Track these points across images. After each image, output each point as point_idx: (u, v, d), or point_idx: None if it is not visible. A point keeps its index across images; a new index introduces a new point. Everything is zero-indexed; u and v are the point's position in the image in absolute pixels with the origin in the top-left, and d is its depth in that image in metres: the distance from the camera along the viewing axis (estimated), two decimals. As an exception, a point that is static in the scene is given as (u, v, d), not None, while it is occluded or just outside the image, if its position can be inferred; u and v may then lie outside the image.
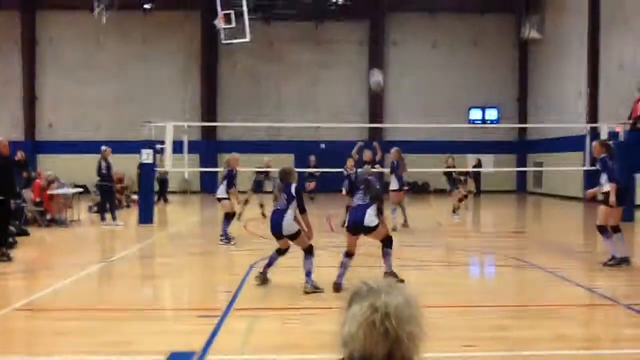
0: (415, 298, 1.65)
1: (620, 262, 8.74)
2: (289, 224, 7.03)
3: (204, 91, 27.95)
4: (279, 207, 7.11)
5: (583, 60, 22.87)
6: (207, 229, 15.08)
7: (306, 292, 6.92)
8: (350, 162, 13.91)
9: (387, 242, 7.32)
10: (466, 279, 8.73)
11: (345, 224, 7.59)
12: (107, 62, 27.88)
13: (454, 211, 15.74)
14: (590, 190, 9.08)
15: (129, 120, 26.20)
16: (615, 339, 5.49)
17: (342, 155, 15.07)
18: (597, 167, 8.95)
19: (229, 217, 11.28)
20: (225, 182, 11.41)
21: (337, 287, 7.01)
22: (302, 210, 7.13)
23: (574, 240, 12.79)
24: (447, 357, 4.78)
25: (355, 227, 7.15)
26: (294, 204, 7.04)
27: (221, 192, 11.39)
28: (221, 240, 11.12)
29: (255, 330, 5.64)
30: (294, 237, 7.13)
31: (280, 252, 7.46)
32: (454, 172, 16.02)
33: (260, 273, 7.46)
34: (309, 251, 7.10)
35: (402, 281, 6.64)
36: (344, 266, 7.16)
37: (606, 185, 8.72)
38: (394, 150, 13.57)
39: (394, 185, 13.21)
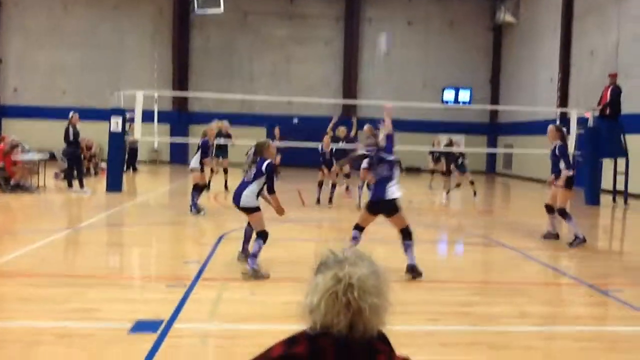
0: (381, 269, 1.64)
1: (545, 237, 9.60)
2: (247, 197, 6.61)
3: (175, 61, 27.46)
4: (245, 180, 6.76)
5: (556, 46, 23.11)
6: (176, 199, 14.96)
7: (243, 274, 6.39)
8: (326, 139, 13.84)
9: (406, 234, 6.62)
10: (433, 256, 8.82)
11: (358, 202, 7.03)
12: (74, 28, 27.15)
13: (447, 192, 15.90)
14: (552, 181, 9.29)
15: (97, 88, 25.68)
16: (577, 317, 5.62)
17: (315, 130, 15.04)
18: (556, 152, 9.15)
19: (197, 188, 11.18)
20: (198, 153, 11.31)
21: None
22: (271, 191, 6.71)
23: (540, 221, 13.00)
24: (411, 330, 4.83)
25: (378, 205, 6.65)
26: (261, 180, 6.65)
27: (194, 162, 11.31)
28: (191, 210, 11.03)
29: (224, 300, 5.63)
30: (249, 211, 6.68)
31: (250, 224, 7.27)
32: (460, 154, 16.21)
33: (241, 252, 7.20)
34: (260, 235, 6.56)
35: (420, 274, 6.51)
36: (355, 239, 6.74)
37: (566, 171, 9.01)
38: (366, 126, 13.37)
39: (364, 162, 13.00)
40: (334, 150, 13.76)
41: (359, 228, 6.87)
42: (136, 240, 8.98)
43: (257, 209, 6.66)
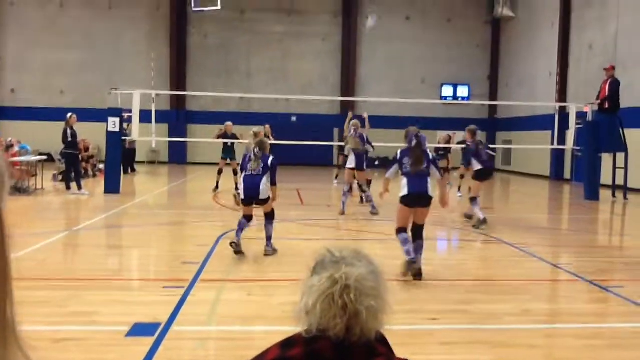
0: (379, 269, 1.59)
1: (466, 216, 10.99)
2: (264, 189, 7.39)
3: (172, 60, 27.40)
4: (254, 173, 7.39)
5: (554, 40, 23.06)
6: (175, 199, 14.92)
7: (266, 255, 7.40)
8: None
9: (422, 231, 6.62)
10: (432, 254, 8.78)
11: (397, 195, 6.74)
12: (71, 27, 27.08)
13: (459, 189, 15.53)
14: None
15: (94, 88, 25.65)
16: (578, 314, 5.58)
17: (313, 128, 14.94)
18: (469, 149, 10.99)
19: None
20: None
21: (413, 262, 6.44)
22: (274, 183, 7.51)
23: (540, 217, 13.00)
24: (411, 330, 4.79)
25: (418, 197, 6.48)
26: (269, 174, 7.42)
27: None
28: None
29: (221, 302, 5.59)
30: (265, 202, 7.48)
31: (247, 218, 7.59)
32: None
33: (233, 243, 7.35)
34: (270, 215, 7.57)
35: (419, 275, 6.39)
36: (407, 242, 6.45)
37: (476, 165, 10.56)
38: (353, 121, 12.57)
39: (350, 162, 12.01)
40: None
41: (405, 230, 6.55)
42: (134, 242, 8.94)
43: (269, 199, 7.54)
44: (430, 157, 6.68)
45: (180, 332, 4.63)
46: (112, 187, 14.37)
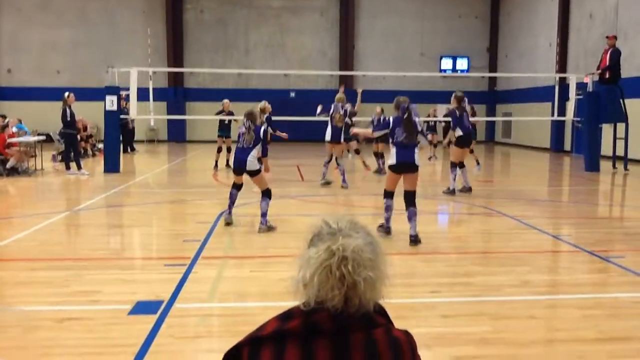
0: (377, 240, 1.58)
1: (461, 190, 11.04)
2: (252, 161, 7.48)
3: (169, 36, 27.13)
4: (245, 146, 7.51)
5: (554, 10, 22.82)
6: (175, 178, 14.92)
7: (260, 232, 7.41)
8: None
9: (414, 198, 7.00)
10: (433, 227, 8.80)
11: (387, 165, 7.33)
12: (65, 5, 26.77)
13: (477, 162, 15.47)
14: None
15: (90, 67, 25.50)
16: (578, 284, 5.60)
17: (312, 103, 14.88)
18: (452, 114, 11.13)
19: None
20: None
21: (388, 230, 7.20)
22: (265, 154, 7.69)
23: (540, 189, 12.99)
24: (412, 303, 4.82)
25: (405, 166, 6.98)
26: (259, 145, 7.54)
27: None
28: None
29: (223, 279, 5.61)
30: (254, 174, 7.56)
31: (237, 187, 7.86)
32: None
33: (227, 213, 7.94)
34: (266, 193, 7.56)
35: (415, 242, 6.82)
36: (390, 209, 7.20)
37: (458, 131, 10.88)
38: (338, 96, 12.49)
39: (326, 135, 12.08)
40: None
41: (392, 195, 7.21)
42: (135, 220, 8.95)
43: (260, 170, 7.59)
44: (419, 127, 7.14)
45: (183, 309, 4.66)
46: (111, 166, 14.36)
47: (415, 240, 6.84)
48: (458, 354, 3.87)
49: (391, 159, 7.05)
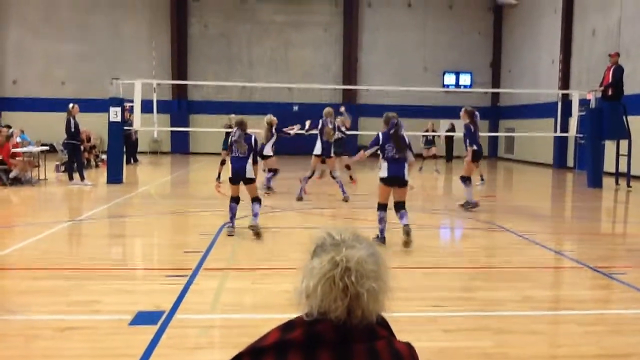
0: (379, 252, 1.58)
1: (462, 205, 10.89)
2: (250, 169, 7.94)
3: (173, 50, 27.31)
4: (240, 155, 7.93)
5: (557, 26, 22.92)
6: (177, 189, 14.94)
7: (251, 227, 7.88)
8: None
9: (403, 205, 7.56)
10: (435, 241, 8.80)
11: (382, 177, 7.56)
12: (71, 17, 26.99)
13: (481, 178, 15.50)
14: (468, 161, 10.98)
15: (95, 78, 25.62)
16: (580, 300, 5.58)
17: (315, 117, 14.96)
18: (464, 131, 11.02)
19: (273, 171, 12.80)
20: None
21: (383, 240, 7.56)
22: (255, 162, 8.07)
23: (543, 205, 12.98)
24: (413, 317, 4.80)
25: (396, 180, 7.43)
26: (253, 154, 7.95)
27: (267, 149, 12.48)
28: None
29: (225, 290, 5.60)
30: (251, 182, 8.00)
31: (235, 200, 8.16)
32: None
33: (230, 226, 8.16)
34: (257, 199, 8.05)
35: (409, 231, 7.41)
36: (383, 221, 7.58)
37: (474, 147, 10.80)
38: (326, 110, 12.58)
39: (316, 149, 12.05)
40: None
41: (385, 207, 7.60)
42: (137, 231, 8.96)
43: (255, 179, 8.07)
44: (407, 142, 7.56)
45: (184, 320, 4.65)
46: (114, 177, 14.39)
47: (408, 230, 7.41)
48: (459, 369, 3.85)
49: (382, 172, 7.48)
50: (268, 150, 12.57)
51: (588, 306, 5.39)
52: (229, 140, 8.25)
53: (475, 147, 10.77)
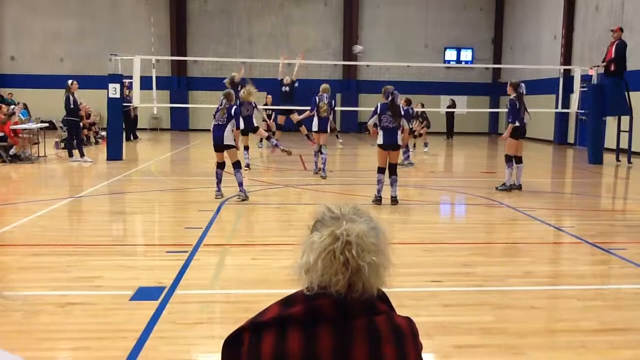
0: (380, 226, 1.56)
1: (510, 188, 10.27)
2: (228, 136, 8.57)
3: (172, 25, 27.02)
4: (219, 123, 8.59)
5: (560, 2, 22.66)
6: (177, 166, 14.91)
7: (239, 198, 8.61)
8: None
9: (395, 169, 8.68)
10: (436, 217, 8.80)
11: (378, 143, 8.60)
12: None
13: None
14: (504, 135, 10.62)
15: (94, 55, 25.42)
16: (580, 276, 5.60)
17: (315, 93, 14.91)
18: (507, 105, 10.65)
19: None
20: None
21: (379, 201, 8.60)
22: (237, 127, 8.82)
23: (544, 181, 12.96)
24: (414, 292, 4.82)
25: (390, 145, 8.50)
26: (233, 122, 8.58)
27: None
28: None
29: (225, 266, 5.62)
30: (229, 147, 8.61)
31: (220, 165, 8.83)
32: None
33: (216, 191, 8.92)
34: (237, 165, 8.67)
35: (396, 202, 8.53)
36: (381, 182, 8.61)
37: (511, 123, 10.31)
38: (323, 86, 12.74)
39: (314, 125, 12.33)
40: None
41: (383, 170, 8.63)
42: (137, 208, 8.96)
43: (234, 146, 8.71)
44: (402, 111, 8.66)
45: (184, 296, 4.67)
46: (114, 154, 14.35)
47: (395, 200, 8.56)
48: (459, 343, 3.87)
49: (379, 140, 8.53)
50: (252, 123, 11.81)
51: (587, 281, 5.41)
52: (216, 109, 8.82)
53: (517, 124, 10.17)
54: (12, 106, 14.45)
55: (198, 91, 27.00)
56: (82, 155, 14.05)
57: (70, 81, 14.33)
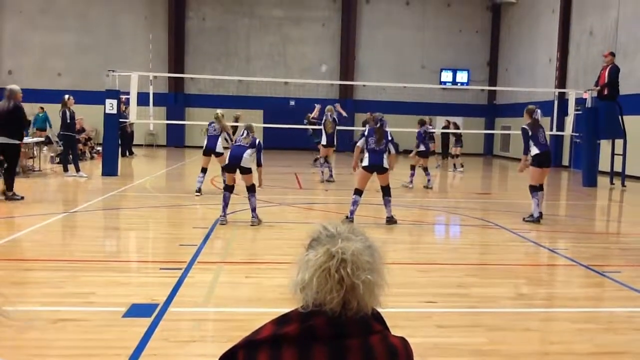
0: (375, 245, 1.58)
1: (538, 219, 9.48)
2: (247, 159, 8.20)
3: (171, 43, 27.19)
4: (242, 144, 8.29)
5: (555, 26, 22.94)
6: (173, 182, 14.90)
7: (252, 225, 8.24)
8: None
9: (388, 190, 8.66)
10: (430, 238, 8.81)
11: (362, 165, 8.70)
12: (68, 9, 26.83)
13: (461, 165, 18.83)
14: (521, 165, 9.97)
15: (91, 70, 25.52)
16: (575, 298, 5.60)
17: (311, 112, 15.12)
18: (524, 131, 9.65)
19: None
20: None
21: (352, 221, 8.32)
22: (259, 164, 8.35)
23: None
24: (408, 312, 4.81)
25: (375, 167, 8.57)
26: (254, 151, 8.24)
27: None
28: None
29: (219, 284, 5.60)
30: (247, 172, 8.25)
31: (229, 188, 8.43)
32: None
33: (221, 216, 8.40)
34: (252, 189, 8.34)
35: (394, 221, 8.59)
36: (356, 204, 8.56)
37: (533, 149, 9.46)
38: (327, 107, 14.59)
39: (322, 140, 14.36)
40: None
41: (360, 193, 8.62)
42: (132, 224, 8.93)
43: (251, 170, 8.31)
44: (389, 137, 8.63)
45: (178, 313, 4.64)
46: (109, 169, 14.34)
47: (390, 220, 8.59)
48: (453, 364, 3.85)
49: (364, 162, 8.61)
50: (220, 147, 11.51)
51: (581, 304, 5.41)
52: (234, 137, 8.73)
53: (537, 150, 9.36)
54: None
55: (194, 108, 27.08)
56: (77, 170, 14.03)
57: (66, 96, 14.37)
